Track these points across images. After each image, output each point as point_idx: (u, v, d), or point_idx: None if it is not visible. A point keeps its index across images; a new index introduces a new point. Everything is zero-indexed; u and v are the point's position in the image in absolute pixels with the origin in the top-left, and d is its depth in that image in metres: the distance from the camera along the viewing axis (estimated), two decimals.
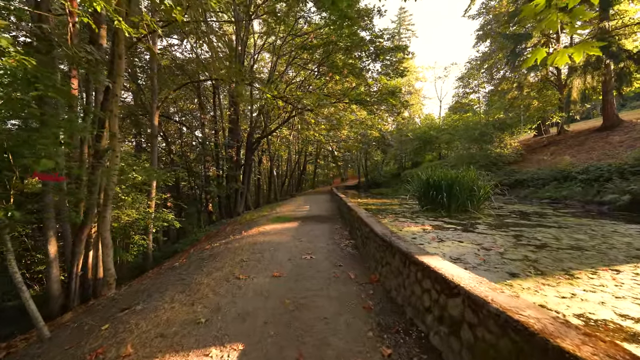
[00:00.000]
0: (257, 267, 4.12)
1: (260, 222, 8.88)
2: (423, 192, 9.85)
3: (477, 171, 10.20)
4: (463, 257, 4.16)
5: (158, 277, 4.86)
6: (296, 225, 7.65)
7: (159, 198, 13.28)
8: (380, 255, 3.67)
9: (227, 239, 7.20)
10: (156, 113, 11.92)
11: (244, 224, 10.03)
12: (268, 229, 7.38)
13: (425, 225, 6.87)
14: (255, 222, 9.33)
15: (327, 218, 8.77)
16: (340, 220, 8.28)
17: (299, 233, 6.56)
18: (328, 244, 5.42)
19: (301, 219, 8.85)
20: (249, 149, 17.45)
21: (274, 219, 9.22)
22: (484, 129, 18.67)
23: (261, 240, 5.99)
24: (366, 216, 5.57)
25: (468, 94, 27.36)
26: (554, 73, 20.62)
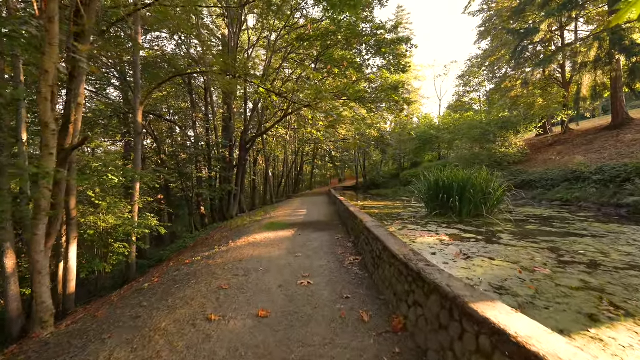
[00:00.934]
0: (238, 300, 3.10)
1: (251, 230, 7.84)
2: (431, 195, 8.88)
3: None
4: (506, 285, 3.17)
5: (117, 306, 3.82)
6: (291, 235, 6.63)
7: (143, 201, 12.20)
8: (403, 287, 2.67)
9: (211, 250, 6.16)
10: (140, 109, 10.82)
11: (234, 230, 8.99)
12: (259, 239, 6.35)
13: (440, 234, 5.89)
14: (247, 228, 8.29)
15: (327, 225, 7.76)
16: (342, 227, 7.27)
17: (294, 245, 5.54)
18: (329, 260, 4.41)
19: (297, 225, 7.83)
20: (242, 149, 16.39)
21: (267, 225, 8.19)
22: (487, 128, 17.78)
23: (249, 255, 4.96)
24: (374, 225, 4.58)
25: (469, 92, 26.54)
26: (558, 70, 19.83)
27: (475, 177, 8.52)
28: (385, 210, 10.43)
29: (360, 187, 30.78)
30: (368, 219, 5.35)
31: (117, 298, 4.78)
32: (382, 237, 3.69)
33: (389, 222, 7.64)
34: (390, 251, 3.17)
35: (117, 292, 6.09)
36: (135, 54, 10.75)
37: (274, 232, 7.11)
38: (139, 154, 11.11)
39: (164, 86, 20.48)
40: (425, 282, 2.26)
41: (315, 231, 6.91)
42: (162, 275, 5.00)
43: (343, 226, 7.42)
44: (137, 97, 10.86)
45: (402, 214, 9.43)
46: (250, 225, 9.05)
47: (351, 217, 6.57)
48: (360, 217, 5.55)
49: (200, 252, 6.39)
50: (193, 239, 12.52)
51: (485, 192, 8.38)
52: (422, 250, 4.76)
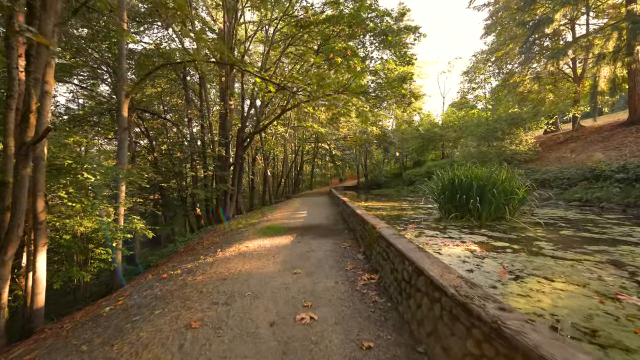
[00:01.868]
0: (209, 351, 2.10)
1: (244, 235, 6.84)
2: (446, 196, 7.87)
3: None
4: (598, 326, 2.17)
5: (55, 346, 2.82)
6: (290, 242, 5.63)
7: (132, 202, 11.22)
8: (463, 344, 1.67)
9: (195, 261, 5.17)
10: (125, 102, 9.82)
11: (226, 235, 7.99)
12: (252, 248, 5.35)
13: (467, 243, 4.89)
14: (240, 234, 7.29)
15: (330, 230, 6.76)
16: (348, 233, 6.27)
17: (292, 256, 4.54)
18: (337, 281, 3.41)
19: (297, 230, 6.83)
20: (239, 146, 15.39)
21: (263, 230, 7.18)
22: (496, 125, 16.80)
23: (236, 271, 3.97)
24: (392, 235, 3.59)
25: (474, 89, 25.52)
26: (568, 65, 18.85)
27: (497, 175, 7.53)
28: (393, 212, 9.43)
29: (361, 186, 29.76)
30: (382, 225, 4.36)
31: (70, 325, 3.78)
32: (410, 254, 2.70)
33: (402, 227, 6.64)
34: (429, 278, 2.18)
35: (82, 311, 5.09)
36: (119, 41, 9.76)
37: (270, 238, 6.11)
38: (124, 151, 10.13)
39: (158, 83, 19.56)
40: (515, 348, 1.27)
41: (317, 237, 5.91)
42: (129, 296, 4.01)
43: (349, 232, 6.42)
44: (123, 88, 9.89)
45: (413, 216, 8.43)
46: (244, 229, 8.05)
47: (359, 221, 5.58)
48: (371, 222, 4.56)
49: (183, 263, 5.40)
50: (185, 242, 11.52)
51: (508, 192, 7.39)
52: (452, 263, 3.78)
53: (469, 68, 24.84)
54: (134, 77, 17.06)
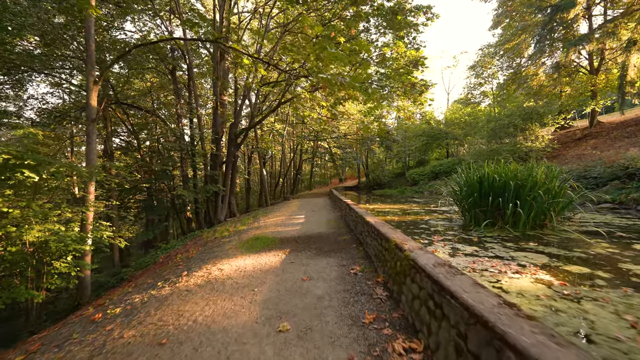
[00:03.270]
0: None
1: (224, 249, 5.35)
2: (474, 198, 6.38)
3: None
4: None
5: None
6: (279, 263, 4.14)
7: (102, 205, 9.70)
8: None
9: (149, 290, 3.69)
10: (94, 89, 8.32)
11: (206, 245, 6.50)
12: (226, 272, 3.86)
13: (528, 267, 3.42)
14: (220, 246, 5.79)
15: (333, 243, 5.26)
16: (356, 248, 4.77)
17: (280, 293, 3.05)
18: (351, 349, 1.91)
19: (291, 243, 5.34)
20: (231, 143, 13.89)
21: (250, 241, 5.69)
22: (509, 120, 15.34)
23: (187, 326, 2.47)
24: (441, 268, 2.12)
25: (480, 84, 24.03)
26: (584, 57, 17.38)
27: (536, 174, 6.05)
28: (405, 217, 7.94)
29: (362, 187, 28.29)
30: (411, 244, 2.89)
31: None
32: (496, 321, 1.22)
33: (424, 239, 5.15)
34: None
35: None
36: (86, 17, 8.24)
37: (255, 255, 4.62)
38: (92, 147, 8.62)
39: (147, 78, 18.05)
40: None
41: (317, 255, 4.41)
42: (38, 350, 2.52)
43: (357, 245, 4.92)
44: (91, 74, 8.38)
45: (430, 223, 6.94)
46: (228, 239, 6.55)
47: (373, 234, 4.09)
48: (393, 239, 3.09)
49: (135, 291, 3.92)
50: (167, 250, 10.02)
51: (553, 194, 5.92)
52: (538, 313, 2.30)
53: (475, 62, 23.38)
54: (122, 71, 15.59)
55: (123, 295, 4.09)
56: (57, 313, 8.94)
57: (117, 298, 3.97)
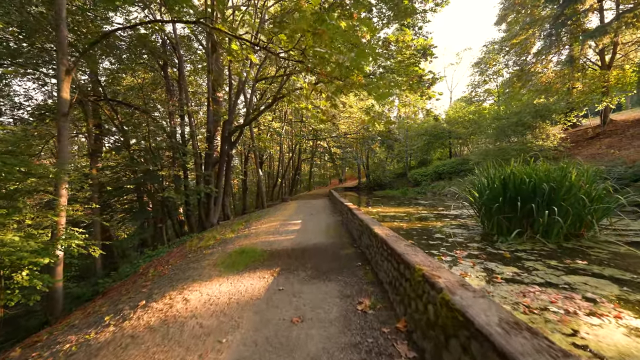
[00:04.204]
0: None
1: (201, 267, 4.37)
2: (499, 203, 5.40)
3: None
4: None
5: None
6: (264, 290, 3.17)
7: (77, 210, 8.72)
8: None
9: (86, 330, 2.73)
10: (66, 80, 7.34)
11: (184, 257, 5.53)
12: (191, 306, 2.90)
13: (602, 302, 2.46)
14: (198, 261, 4.82)
15: (333, 257, 4.29)
16: (362, 268, 3.79)
17: (258, 346, 2.10)
18: None
19: (282, 258, 4.36)
20: (225, 141, 12.92)
21: (234, 255, 4.71)
22: (518, 118, 14.40)
23: None
24: (529, 351, 1.13)
25: (485, 82, 23.08)
26: (595, 52, 16.44)
27: (571, 176, 5.10)
28: (414, 223, 6.97)
29: (362, 187, 27.32)
30: (450, 279, 1.93)
31: None
32: None
33: (446, 254, 4.18)
34: None
35: None
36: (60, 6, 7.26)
37: (236, 277, 3.65)
38: (64, 144, 7.64)
39: (139, 74, 17.06)
40: None
41: (313, 279, 3.44)
42: None
43: (364, 264, 3.95)
44: (62, 62, 7.38)
45: (445, 231, 5.98)
46: (211, 250, 5.58)
47: (386, 253, 3.13)
48: (418, 266, 2.15)
49: (67, 333, 2.96)
50: (151, 257, 9.06)
51: (593, 198, 4.98)
52: None
53: (480, 59, 22.43)
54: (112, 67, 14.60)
55: (62, 332, 3.12)
56: (27, 329, 7.92)
57: (51, 338, 3.01)
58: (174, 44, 12.55)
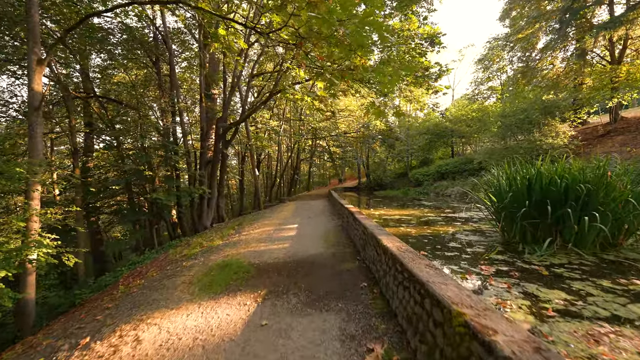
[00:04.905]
0: None
1: (173, 286, 3.62)
2: (525, 208, 4.64)
3: None
4: None
5: None
6: (242, 326, 2.41)
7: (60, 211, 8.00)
8: None
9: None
10: (37, 70, 6.57)
11: (163, 271, 4.77)
12: (143, 351, 2.12)
13: None
14: (170, 278, 4.06)
15: (332, 275, 3.52)
16: (369, 291, 3.02)
17: None
18: None
19: (271, 275, 3.60)
20: (219, 140, 12.17)
21: (215, 270, 3.96)
22: (526, 115, 13.67)
23: None
24: None
25: (488, 79, 22.31)
26: (606, 47, 15.70)
27: (607, 177, 4.35)
28: (424, 229, 6.21)
29: (362, 187, 26.56)
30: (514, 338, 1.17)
31: None
32: None
33: (471, 272, 3.41)
34: None
35: None
36: None
37: (210, 303, 2.89)
38: (36, 141, 6.86)
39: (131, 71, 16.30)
40: None
41: (307, 307, 2.69)
42: None
43: (369, 283, 3.19)
44: (33, 51, 6.59)
45: (460, 239, 5.23)
46: (192, 261, 4.83)
47: (402, 277, 2.38)
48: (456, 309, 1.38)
49: None
50: (134, 265, 8.29)
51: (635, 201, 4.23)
52: None
53: (483, 55, 21.69)
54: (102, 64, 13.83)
55: None
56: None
57: None
58: (164, 37, 11.80)
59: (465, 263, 3.73)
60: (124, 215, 11.32)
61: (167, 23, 13.93)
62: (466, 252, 4.33)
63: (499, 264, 3.67)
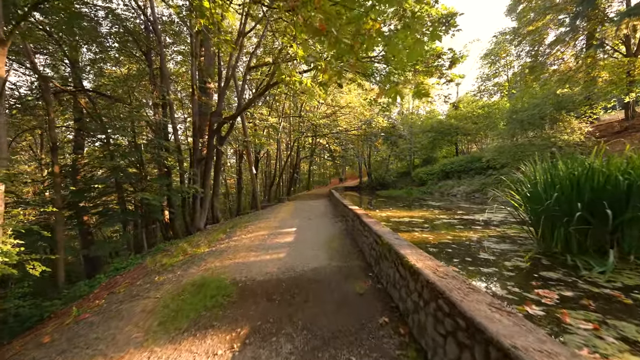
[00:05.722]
0: None
1: (129, 313, 2.72)
2: (564, 211, 3.77)
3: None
4: None
5: None
6: None
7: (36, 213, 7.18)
8: None
9: None
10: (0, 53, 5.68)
11: (132, 287, 3.89)
12: None
13: None
14: (134, 298, 3.17)
15: (338, 303, 2.63)
16: (390, 330, 2.12)
17: None
18: None
19: (258, 302, 2.71)
20: (213, 135, 11.29)
21: (187, 292, 3.07)
22: (539, 110, 12.78)
23: None
24: None
25: (494, 75, 21.39)
26: (621, 39, 14.78)
27: None
28: (440, 235, 5.32)
29: (364, 187, 25.65)
30: None
31: None
32: None
33: (526, 298, 2.52)
34: None
35: None
36: None
37: (165, 351, 2.00)
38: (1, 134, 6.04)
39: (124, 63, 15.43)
40: None
41: None
42: None
43: (390, 313, 2.29)
44: None
45: (487, 246, 4.34)
46: (166, 275, 3.95)
47: (475, 347, 1.48)
48: None
49: None
50: (115, 272, 7.41)
51: None
52: None
53: (489, 50, 20.77)
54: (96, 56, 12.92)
55: None
56: None
57: None
58: (152, 23, 10.90)
59: (512, 284, 2.84)
60: (109, 216, 10.42)
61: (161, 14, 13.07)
62: (505, 266, 3.44)
63: (557, 285, 2.78)
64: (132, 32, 11.93)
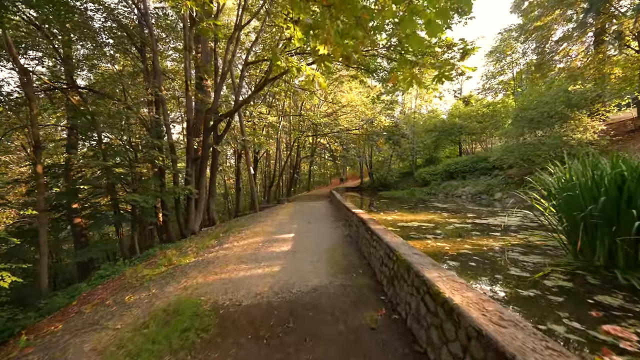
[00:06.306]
0: None
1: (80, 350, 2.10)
2: (602, 217, 3.15)
3: None
4: None
5: None
6: None
7: None
8: None
9: None
10: None
11: (99, 307, 3.27)
12: None
13: None
14: (90, 328, 2.55)
15: (348, 342, 2.00)
16: None
17: None
18: None
19: (241, 344, 2.08)
20: (209, 133, 10.68)
21: (155, 323, 2.44)
22: (549, 108, 12.15)
23: None
24: None
25: (499, 73, 20.71)
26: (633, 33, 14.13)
27: None
28: (457, 243, 4.69)
29: (365, 187, 25.03)
30: None
31: None
32: None
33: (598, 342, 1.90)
34: None
35: None
36: None
37: None
38: None
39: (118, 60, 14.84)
40: None
41: None
42: None
43: None
44: None
45: (515, 259, 3.72)
46: (140, 294, 3.33)
47: None
48: None
49: None
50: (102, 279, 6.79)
51: None
52: None
53: (494, 47, 20.12)
54: None
55: None
56: None
57: None
58: (144, 15, 10.30)
59: (566, 314, 2.22)
60: (98, 219, 9.82)
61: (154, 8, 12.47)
62: (546, 286, 2.81)
63: (624, 316, 2.16)
64: (125, 27, 11.38)
